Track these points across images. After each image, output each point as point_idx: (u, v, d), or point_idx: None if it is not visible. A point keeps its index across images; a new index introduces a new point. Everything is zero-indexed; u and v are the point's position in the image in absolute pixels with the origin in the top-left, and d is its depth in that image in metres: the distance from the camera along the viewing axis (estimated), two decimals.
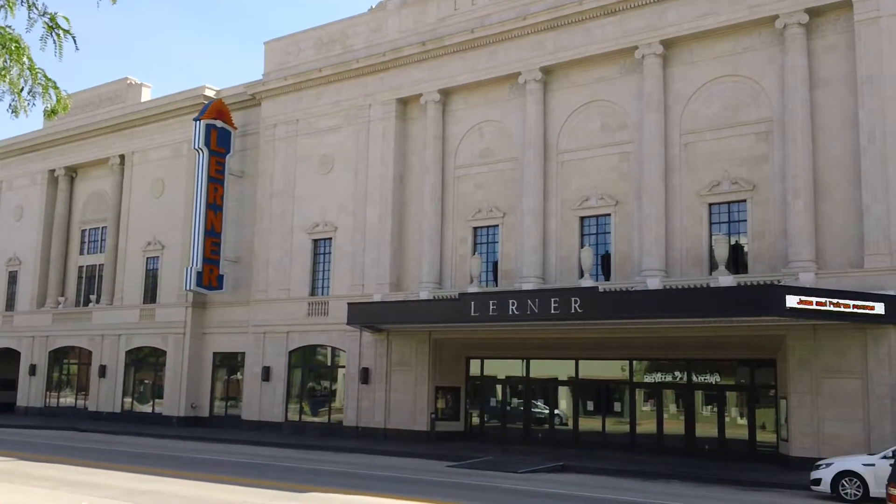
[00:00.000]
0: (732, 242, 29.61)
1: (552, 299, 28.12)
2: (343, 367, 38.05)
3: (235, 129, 43.50)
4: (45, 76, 11.28)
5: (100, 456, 29.15)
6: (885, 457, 21.14)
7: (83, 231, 51.93)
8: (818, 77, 28.79)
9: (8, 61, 10.80)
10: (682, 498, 21.67)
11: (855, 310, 24.57)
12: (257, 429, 39.56)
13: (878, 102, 27.04)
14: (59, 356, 51.10)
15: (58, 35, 11.02)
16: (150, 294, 46.51)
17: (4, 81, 10.88)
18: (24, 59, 10.95)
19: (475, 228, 35.98)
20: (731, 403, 30.53)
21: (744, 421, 29.99)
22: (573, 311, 27.56)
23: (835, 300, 24.35)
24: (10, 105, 11.12)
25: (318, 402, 39.50)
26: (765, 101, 29.72)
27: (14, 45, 10.82)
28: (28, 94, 11.20)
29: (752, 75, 30.07)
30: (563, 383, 34.05)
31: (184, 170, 45.71)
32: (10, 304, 54.22)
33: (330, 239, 39.54)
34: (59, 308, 50.69)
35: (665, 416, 31.40)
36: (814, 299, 24.23)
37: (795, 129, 28.33)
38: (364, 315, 33.91)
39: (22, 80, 11.07)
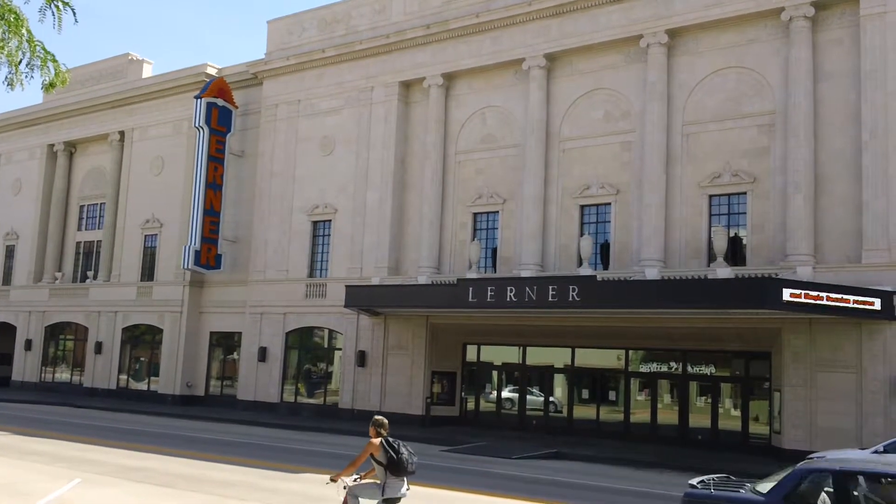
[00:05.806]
0: (731, 234, 29.57)
1: (550, 287, 28.10)
2: (340, 349, 38.09)
3: (236, 107, 43.33)
4: (43, 49, 11.15)
5: (95, 432, 29.20)
6: (876, 451, 21.17)
7: (81, 207, 51.80)
8: (822, 71, 28.68)
9: (6, 33, 10.67)
10: (674, 487, 21.68)
11: (855, 305, 24.59)
12: (252, 409, 39.63)
13: (881, 98, 26.95)
14: (55, 331, 51.14)
15: (57, 7, 10.89)
16: (148, 272, 46.47)
17: (2, 53, 10.75)
18: (23, 30, 10.80)
19: (475, 214, 35.92)
20: (726, 395, 30.61)
21: (737, 412, 30.07)
22: (571, 299, 27.55)
23: (833, 294, 24.38)
24: (6, 77, 11.00)
25: (313, 383, 39.54)
26: (768, 93, 29.62)
27: (13, 16, 10.69)
28: (26, 66, 11.07)
29: (756, 67, 29.95)
30: (559, 371, 34.09)
31: (184, 148, 45.58)
32: (7, 278, 54.19)
33: (329, 221, 39.46)
34: (56, 283, 50.66)
35: (659, 405, 31.48)
36: (810, 293, 24.22)
37: (798, 122, 28.25)
38: (362, 298, 33.90)
39: (20, 53, 10.93)
